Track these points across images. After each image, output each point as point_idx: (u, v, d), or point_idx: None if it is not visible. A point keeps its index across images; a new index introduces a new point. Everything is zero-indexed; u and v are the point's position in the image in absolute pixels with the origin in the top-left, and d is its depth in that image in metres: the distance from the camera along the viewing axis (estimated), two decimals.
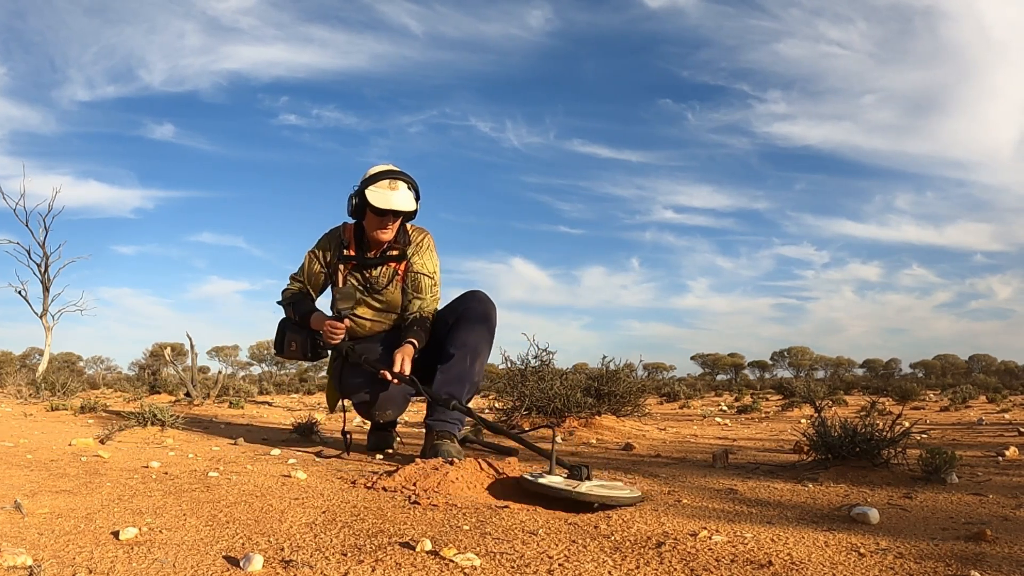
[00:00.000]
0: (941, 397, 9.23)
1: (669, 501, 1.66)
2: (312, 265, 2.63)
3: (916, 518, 1.49)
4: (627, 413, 4.06)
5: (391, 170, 2.46)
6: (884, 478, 1.93)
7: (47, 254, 11.52)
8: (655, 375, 29.21)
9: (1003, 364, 35.73)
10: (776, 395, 11.68)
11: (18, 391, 6.28)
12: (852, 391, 12.93)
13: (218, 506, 1.53)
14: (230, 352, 38.74)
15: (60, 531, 1.29)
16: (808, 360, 43.33)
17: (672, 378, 22.23)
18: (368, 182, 2.41)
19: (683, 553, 1.19)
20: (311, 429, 3.01)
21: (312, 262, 2.63)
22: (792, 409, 6.43)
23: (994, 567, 1.10)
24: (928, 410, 6.49)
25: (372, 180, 2.41)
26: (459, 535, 1.31)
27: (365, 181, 2.43)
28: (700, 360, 44.05)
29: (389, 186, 2.39)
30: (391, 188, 2.39)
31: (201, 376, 8.18)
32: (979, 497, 1.70)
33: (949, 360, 40.64)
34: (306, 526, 1.38)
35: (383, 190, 2.38)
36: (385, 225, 2.45)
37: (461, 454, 2.15)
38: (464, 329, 2.43)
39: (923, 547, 1.23)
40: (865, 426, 2.02)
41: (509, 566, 1.13)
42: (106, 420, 3.77)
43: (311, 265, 2.63)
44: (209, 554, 1.17)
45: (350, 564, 1.12)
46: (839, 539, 1.29)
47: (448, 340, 2.43)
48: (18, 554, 1.09)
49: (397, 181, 2.42)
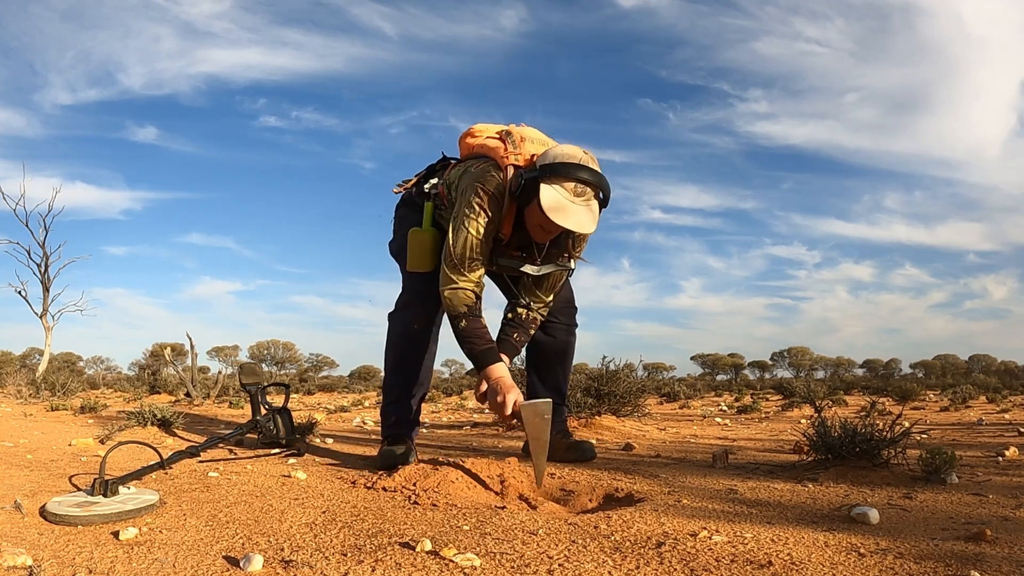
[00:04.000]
0: (941, 397, 9.22)
1: (669, 501, 1.66)
2: (484, 242, 2.00)
3: (916, 518, 1.49)
4: (627, 413, 4.06)
5: (587, 168, 1.89)
6: (884, 478, 1.93)
7: (47, 254, 11.55)
8: (655, 375, 29.21)
9: (1003, 364, 35.78)
10: (776, 395, 11.67)
11: (18, 391, 6.27)
12: (852, 391, 12.92)
13: (218, 506, 1.53)
14: (230, 352, 38.78)
15: (60, 531, 1.29)
16: (808, 360, 43.36)
17: (672, 378, 22.22)
18: (550, 171, 1.88)
19: (683, 553, 1.19)
20: (310, 429, 3.01)
21: (482, 235, 1.99)
22: (792, 409, 6.42)
23: (994, 567, 1.10)
24: (928, 410, 6.48)
25: (557, 171, 1.87)
26: (459, 535, 1.31)
27: (548, 167, 1.89)
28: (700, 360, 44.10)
29: (574, 192, 1.87)
30: (576, 198, 1.87)
31: (201, 376, 8.18)
32: (979, 497, 1.70)
33: (949, 360, 40.68)
34: (306, 526, 1.38)
35: (565, 197, 1.86)
36: (551, 233, 2.01)
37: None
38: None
39: (923, 547, 1.23)
40: (865, 426, 2.02)
41: (509, 566, 1.13)
42: (106, 420, 3.77)
43: (482, 241, 1.99)
44: (209, 554, 1.17)
45: (350, 564, 1.12)
46: (839, 539, 1.29)
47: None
48: (18, 554, 1.09)
49: (588, 192, 1.89)
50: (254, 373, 2.45)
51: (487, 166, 2.06)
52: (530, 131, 2.18)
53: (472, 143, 2.25)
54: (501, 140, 2.12)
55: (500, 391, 1.85)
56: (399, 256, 2.36)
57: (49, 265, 11.73)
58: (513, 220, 2.06)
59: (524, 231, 2.07)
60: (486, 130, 2.26)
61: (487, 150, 2.13)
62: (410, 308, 2.26)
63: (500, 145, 2.09)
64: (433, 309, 2.27)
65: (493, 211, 1.99)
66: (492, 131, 2.24)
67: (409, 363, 2.29)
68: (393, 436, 2.26)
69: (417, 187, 2.36)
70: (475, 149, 2.22)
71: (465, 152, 2.31)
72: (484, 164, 2.08)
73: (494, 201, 2.00)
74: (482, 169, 2.05)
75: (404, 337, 2.27)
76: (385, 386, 2.36)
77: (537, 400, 1.83)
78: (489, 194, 1.99)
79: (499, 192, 2.00)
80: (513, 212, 2.05)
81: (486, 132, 2.25)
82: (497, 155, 2.06)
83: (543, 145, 2.09)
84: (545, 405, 1.81)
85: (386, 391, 2.35)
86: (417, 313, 2.25)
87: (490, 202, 1.99)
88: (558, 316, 2.42)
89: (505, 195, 2.00)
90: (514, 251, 2.15)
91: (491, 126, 2.28)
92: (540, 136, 2.17)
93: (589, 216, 1.89)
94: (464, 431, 3.78)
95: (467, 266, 1.99)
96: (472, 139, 2.26)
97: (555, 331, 2.43)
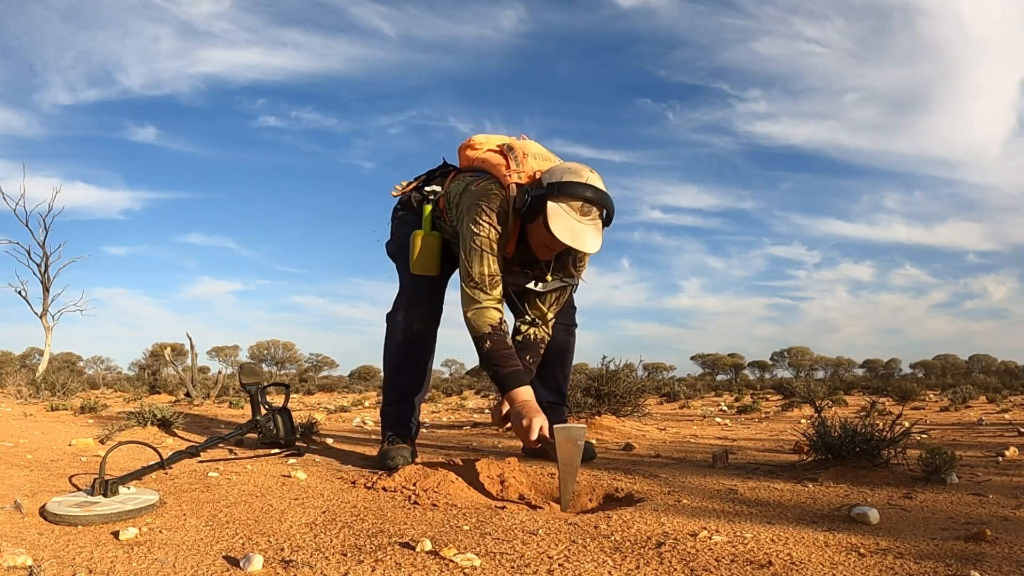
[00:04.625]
0: (941, 397, 9.22)
1: (669, 501, 1.66)
2: (499, 259, 2.00)
3: (916, 518, 1.49)
4: (627, 413, 4.05)
5: (593, 187, 1.88)
6: (884, 478, 1.93)
7: (47, 254, 11.55)
8: (655, 375, 29.21)
9: (1003, 364, 35.79)
10: (776, 395, 11.67)
11: (18, 391, 6.27)
12: (852, 391, 12.92)
13: (218, 506, 1.53)
14: (230, 352, 38.80)
15: (60, 531, 1.29)
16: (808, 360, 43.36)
17: (672, 378, 22.21)
18: (557, 189, 1.87)
19: (683, 553, 1.19)
20: (310, 429, 3.01)
21: (496, 249, 1.98)
22: (792, 409, 6.42)
23: (994, 567, 1.10)
24: (928, 410, 6.48)
25: (563, 190, 1.87)
26: (459, 535, 1.31)
27: (555, 186, 1.88)
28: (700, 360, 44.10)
29: (581, 212, 1.87)
30: (582, 217, 1.87)
31: (201, 376, 8.18)
32: (979, 497, 1.70)
33: (949, 360, 40.68)
34: (306, 526, 1.38)
35: (571, 216, 1.86)
36: (554, 251, 2.02)
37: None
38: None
39: (923, 547, 1.23)
40: (865, 426, 2.02)
41: (509, 566, 1.13)
42: (106, 420, 3.77)
43: (497, 255, 1.98)
44: (209, 554, 1.17)
45: (350, 564, 1.12)
46: (839, 539, 1.29)
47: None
48: (18, 554, 1.09)
49: (594, 211, 1.88)
50: (254, 373, 2.45)
51: (488, 184, 2.04)
52: (533, 146, 2.16)
53: (472, 156, 2.22)
54: (503, 155, 2.10)
55: (526, 415, 1.81)
56: (397, 256, 2.35)
57: (49, 265, 11.74)
58: (517, 237, 2.05)
59: (527, 248, 2.06)
60: (487, 142, 2.24)
61: (488, 165, 2.11)
62: (411, 310, 2.26)
63: (502, 161, 2.07)
64: (434, 310, 2.27)
65: (499, 226, 1.99)
66: (493, 143, 2.22)
67: (409, 364, 2.29)
68: (393, 436, 2.26)
69: (417, 191, 2.34)
70: (475, 162, 2.19)
71: (464, 164, 2.29)
72: (485, 182, 2.06)
73: (500, 218, 1.99)
74: (484, 188, 2.04)
75: (404, 338, 2.26)
76: (385, 387, 2.35)
77: (571, 425, 1.75)
78: (495, 212, 1.99)
79: (503, 210, 2.00)
80: (517, 229, 2.04)
81: (487, 144, 2.23)
82: (499, 172, 2.05)
83: (546, 161, 2.08)
84: (579, 431, 1.71)
85: (386, 392, 2.35)
86: (421, 314, 2.25)
87: (497, 219, 1.99)
88: (559, 317, 2.42)
89: (509, 213, 2.00)
90: (515, 267, 2.15)
91: (492, 137, 2.27)
92: (543, 151, 2.15)
93: (594, 236, 1.89)
94: (464, 431, 3.78)
95: (489, 284, 1.98)
96: (472, 151, 2.24)
97: (555, 331, 2.42)
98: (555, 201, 1.87)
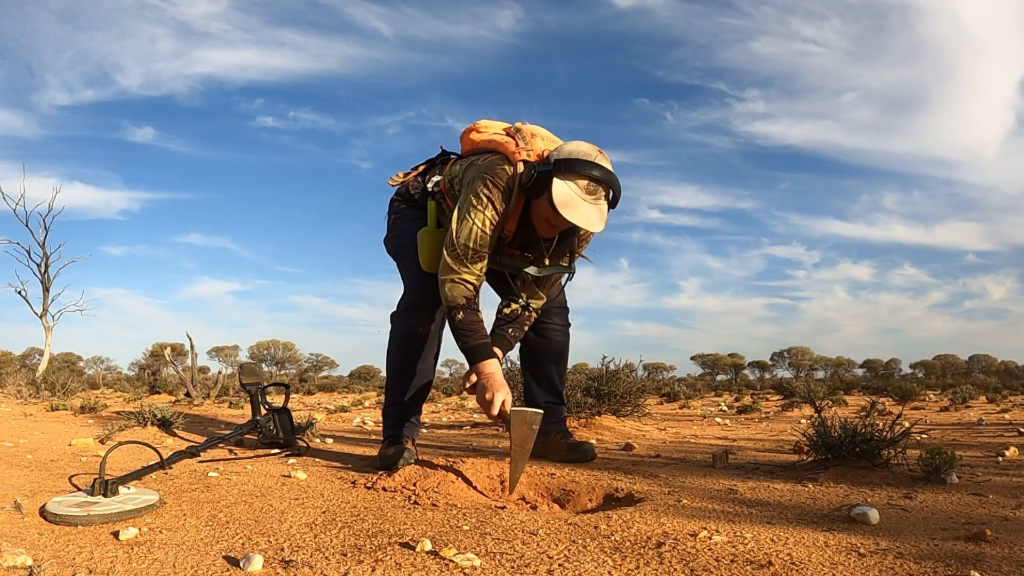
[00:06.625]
0: (941, 397, 9.22)
1: (669, 501, 1.66)
2: (490, 236, 1.98)
3: (916, 518, 1.49)
4: (627, 413, 4.06)
5: (600, 167, 1.87)
6: (884, 478, 1.93)
7: (47, 254, 11.55)
8: (655, 375, 29.21)
9: (1003, 364, 35.80)
10: (776, 395, 11.68)
11: (18, 391, 6.27)
12: (852, 391, 12.93)
13: (218, 506, 1.53)
14: (230, 352, 38.80)
15: (60, 531, 1.29)
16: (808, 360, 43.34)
17: (672, 378, 22.22)
18: (564, 167, 1.86)
19: (683, 553, 1.19)
20: (310, 429, 3.01)
21: (489, 229, 1.96)
22: (792, 409, 6.42)
23: (994, 567, 1.10)
24: (928, 410, 6.48)
25: (570, 167, 1.85)
26: (459, 535, 1.31)
27: (562, 162, 1.87)
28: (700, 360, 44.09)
29: (586, 191, 1.85)
30: (588, 196, 1.86)
31: (201, 376, 8.18)
32: (979, 497, 1.70)
33: (949, 360, 40.67)
34: (306, 526, 1.38)
35: (577, 194, 1.85)
36: (557, 228, 2.00)
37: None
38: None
39: (923, 547, 1.23)
40: (865, 426, 2.02)
41: (509, 566, 1.13)
42: (106, 420, 3.77)
43: (488, 235, 1.96)
44: (209, 554, 1.17)
45: (350, 564, 1.12)
46: (839, 539, 1.29)
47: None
48: (18, 554, 1.09)
49: (600, 191, 1.87)
50: (254, 373, 2.45)
51: (496, 159, 2.03)
52: (538, 128, 2.17)
53: (477, 139, 2.22)
54: (511, 136, 2.10)
55: (489, 388, 1.85)
56: (399, 255, 2.34)
57: (49, 265, 11.72)
58: (519, 216, 2.03)
59: (529, 227, 2.05)
60: (492, 126, 2.24)
61: (496, 145, 2.10)
62: (417, 310, 2.25)
63: (510, 141, 2.07)
64: (439, 312, 2.26)
65: (501, 205, 1.97)
66: (498, 127, 2.22)
67: (413, 365, 2.29)
68: (394, 436, 2.26)
69: (417, 183, 2.34)
70: (480, 144, 2.19)
71: (468, 148, 2.28)
72: (493, 157, 2.05)
73: (503, 195, 1.97)
74: (491, 162, 2.02)
75: (408, 338, 2.26)
76: (388, 387, 2.35)
77: (527, 408, 1.78)
78: (499, 187, 1.96)
79: (509, 186, 1.97)
80: (519, 208, 2.02)
81: (492, 128, 2.23)
82: (507, 150, 2.04)
83: (552, 142, 2.08)
84: (535, 415, 1.74)
85: (388, 392, 2.34)
86: (426, 316, 2.25)
87: (500, 195, 1.96)
88: (553, 319, 2.41)
89: (515, 189, 1.98)
90: (516, 250, 2.14)
91: (496, 123, 2.27)
92: (548, 134, 2.16)
93: (598, 215, 1.88)
94: (464, 431, 3.78)
95: (471, 258, 1.96)
96: (477, 135, 2.24)
97: (550, 333, 2.42)
98: (561, 178, 1.85)
